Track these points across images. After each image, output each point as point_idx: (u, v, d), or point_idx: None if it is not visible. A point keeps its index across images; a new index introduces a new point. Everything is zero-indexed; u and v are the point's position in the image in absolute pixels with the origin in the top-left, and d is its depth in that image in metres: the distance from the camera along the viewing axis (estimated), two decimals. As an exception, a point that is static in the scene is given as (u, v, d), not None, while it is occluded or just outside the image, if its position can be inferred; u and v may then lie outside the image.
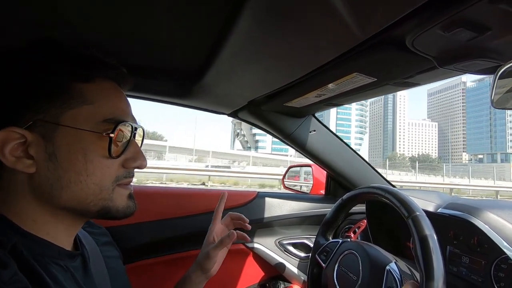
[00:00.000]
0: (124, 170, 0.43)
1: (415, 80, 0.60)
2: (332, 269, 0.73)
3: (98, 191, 0.40)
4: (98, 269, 0.49)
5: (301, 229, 1.15)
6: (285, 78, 0.67)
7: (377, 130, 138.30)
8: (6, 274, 0.31)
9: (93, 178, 0.40)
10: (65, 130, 0.38)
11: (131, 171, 0.45)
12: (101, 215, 0.42)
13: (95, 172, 0.40)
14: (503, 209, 0.66)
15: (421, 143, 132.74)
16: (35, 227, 0.39)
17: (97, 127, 0.40)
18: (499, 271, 0.64)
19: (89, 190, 0.40)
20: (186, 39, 0.62)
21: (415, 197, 0.77)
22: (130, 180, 0.45)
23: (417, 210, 0.58)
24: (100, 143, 0.40)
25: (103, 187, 0.41)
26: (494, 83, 0.44)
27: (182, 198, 1.06)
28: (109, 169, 0.41)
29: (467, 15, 0.35)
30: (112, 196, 0.42)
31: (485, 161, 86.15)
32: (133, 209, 0.45)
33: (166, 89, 0.89)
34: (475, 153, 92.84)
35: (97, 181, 0.40)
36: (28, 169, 0.37)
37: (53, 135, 0.38)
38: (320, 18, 0.40)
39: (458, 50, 0.43)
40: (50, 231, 0.41)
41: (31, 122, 0.37)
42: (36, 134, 0.37)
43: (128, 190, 0.45)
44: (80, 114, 0.39)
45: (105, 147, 0.40)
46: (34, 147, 0.37)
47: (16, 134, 0.37)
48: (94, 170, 0.40)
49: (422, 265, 0.53)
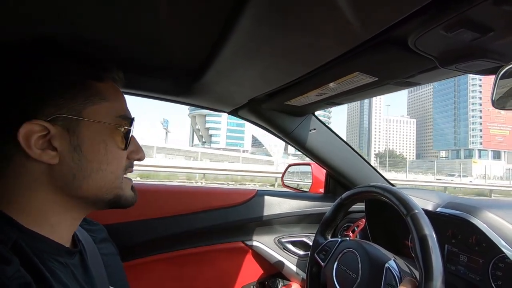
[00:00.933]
0: (128, 161, 0.48)
1: (416, 80, 0.60)
2: (331, 267, 0.74)
3: (114, 179, 0.45)
4: (95, 266, 0.50)
5: (300, 227, 1.15)
6: (286, 76, 0.67)
7: (354, 128, 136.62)
8: (10, 270, 0.31)
9: (111, 167, 0.44)
10: (88, 124, 0.42)
11: (132, 163, 0.50)
12: (112, 203, 0.46)
13: (113, 162, 0.44)
14: (502, 208, 0.67)
15: (399, 139, 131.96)
16: (38, 222, 0.40)
17: (115, 121, 0.45)
18: (497, 270, 0.65)
19: (107, 179, 0.44)
20: (187, 37, 0.62)
21: (414, 196, 0.77)
22: (132, 170, 0.49)
23: (415, 208, 0.58)
24: (116, 136, 0.45)
25: (117, 176, 0.45)
26: (496, 84, 0.44)
27: (181, 195, 1.06)
28: (122, 160, 0.46)
29: (471, 15, 0.35)
30: (122, 185, 0.46)
31: (449, 157, 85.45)
32: (135, 199, 0.49)
33: (167, 87, 0.89)
34: (441, 149, 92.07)
35: (114, 169, 0.44)
36: (52, 160, 0.40)
37: (77, 128, 0.41)
38: (322, 17, 0.40)
39: (460, 50, 0.43)
40: (54, 224, 0.41)
41: (53, 116, 0.40)
42: (59, 127, 0.40)
43: (131, 181, 0.49)
44: (101, 110, 0.43)
45: (119, 139, 0.45)
46: (58, 139, 0.40)
47: (40, 126, 0.39)
48: (112, 160, 0.44)
49: (421, 263, 0.53)
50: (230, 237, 1.08)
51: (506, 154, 76.79)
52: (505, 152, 77.82)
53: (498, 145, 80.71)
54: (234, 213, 1.07)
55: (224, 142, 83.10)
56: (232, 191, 1.13)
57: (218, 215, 1.05)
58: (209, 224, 1.03)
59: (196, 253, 1.05)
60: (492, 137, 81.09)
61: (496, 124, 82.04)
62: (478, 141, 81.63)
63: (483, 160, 66.40)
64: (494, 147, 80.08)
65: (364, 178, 1.11)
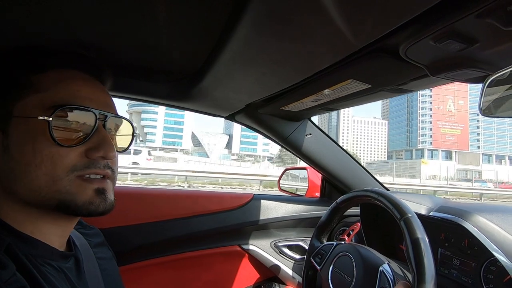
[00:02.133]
0: (87, 160, 0.40)
1: (408, 87, 0.62)
2: (326, 271, 0.75)
3: (51, 182, 0.38)
4: (91, 270, 0.49)
5: (296, 231, 1.16)
6: (282, 83, 0.68)
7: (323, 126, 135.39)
8: (5, 274, 0.31)
9: (43, 169, 0.37)
10: (17, 121, 0.38)
11: (98, 162, 0.41)
12: (60, 209, 0.39)
13: (44, 162, 0.37)
14: (492, 212, 0.68)
15: (368, 140, 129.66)
16: (24, 226, 0.39)
17: (43, 114, 0.38)
18: (489, 273, 0.66)
19: (41, 182, 0.37)
20: (185, 43, 0.63)
21: (408, 200, 0.78)
22: (96, 171, 0.41)
23: (409, 212, 0.59)
24: (50, 131, 0.38)
25: (56, 177, 0.38)
26: (483, 92, 0.46)
27: (177, 200, 1.06)
28: (62, 158, 0.38)
29: (457, 27, 0.37)
30: (70, 189, 0.39)
31: (404, 157, 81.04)
32: (101, 207, 0.41)
33: (165, 92, 0.90)
34: (396, 150, 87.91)
35: (48, 171, 0.37)
36: None
37: (8, 127, 0.38)
38: (316, 26, 0.42)
39: (448, 60, 0.45)
40: (33, 230, 0.40)
41: None
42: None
43: (95, 185, 0.41)
44: (30, 103, 0.38)
45: (55, 134, 0.37)
46: None
47: None
48: (43, 160, 0.37)
49: (414, 267, 0.54)
50: (227, 241, 1.08)
51: (457, 154, 73.26)
52: (456, 152, 74.17)
53: (449, 145, 76.29)
54: (231, 217, 1.07)
55: (161, 140, 77.59)
56: (228, 195, 1.14)
57: (214, 219, 1.05)
58: (205, 228, 1.04)
59: (192, 257, 1.05)
60: (443, 136, 76.74)
61: (447, 123, 77.13)
62: (428, 141, 77.37)
63: (435, 161, 63.69)
64: (445, 147, 76.07)
65: (359, 182, 1.12)
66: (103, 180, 0.42)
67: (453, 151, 74.37)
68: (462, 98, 75.35)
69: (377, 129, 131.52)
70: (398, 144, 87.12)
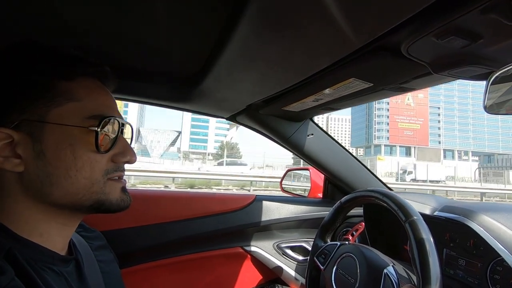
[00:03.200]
0: (114, 164, 0.44)
1: (410, 85, 0.61)
2: (330, 271, 0.74)
3: (89, 185, 0.41)
4: (92, 273, 0.49)
5: (299, 233, 1.15)
6: (282, 83, 0.68)
7: None
8: (3, 280, 0.31)
9: (83, 173, 0.40)
10: (52, 128, 0.39)
11: (121, 166, 0.46)
12: (95, 208, 0.43)
13: (84, 167, 0.40)
14: (498, 212, 0.67)
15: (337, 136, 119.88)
16: (28, 230, 0.39)
17: (83, 123, 0.40)
18: (495, 274, 0.65)
19: (80, 185, 0.40)
20: (185, 45, 0.63)
21: (412, 200, 0.78)
22: (121, 174, 0.46)
23: (414, 215, 0.58)
24: (87, 138, 0.40)
25: (94, 180, 0.41)
26: (487, 89, 0.45)
27: (180, 201, 1.06)
28: (98, 163, 0.42)
29: (460, 24, 0.36)
30: (105, 189, 0.43)
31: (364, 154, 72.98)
32: (127, 202, 0.46)
33: (165, 94, 0.90)
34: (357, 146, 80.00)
35: (87, 175, 0.41)
36: (16, 168, 0.38)
37: (40, 133, 0.39)
38: (316, 25, 0.41)
39: (451, 57, 0.44)
40: (43, 232, 0.41)
41: (17, 122, 0.38)
42: (22, 133, 0.38)
43: (121, 184, 0.46)
44: (66, 111, 0.40)
45: (92, 142, 0.41)
46: (22, 146, 0.38)
47: (3, 134, 0.37)
48: (83, 165, 0.40)
49: (419, 269, 0.53)
50: (229, 243, 1.08)
51: (416, 150, 67.65)
52: (415, 147, 68.17)
53: (408, 140, 69.46)
54: (233, 219, 1.07)
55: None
56: (230, 197, 1.14)
57: (216, 221, 1.05)
58: (208, 230, 1.03)
59: (194, 259, 1.04)
60: (401, 131, 69.57)
61: (406, 117, 69.63)
62: (385, 136, 70.12)
63: (393, 157, 59.37)
64: (403, 142, 69.23)
65: (363, 182, 1.11)
66: (122, 179, 0.47)
67: (412, 147, 69.09)
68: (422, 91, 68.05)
69: (341, 126, 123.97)
70: (359, 140, 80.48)
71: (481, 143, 74.98)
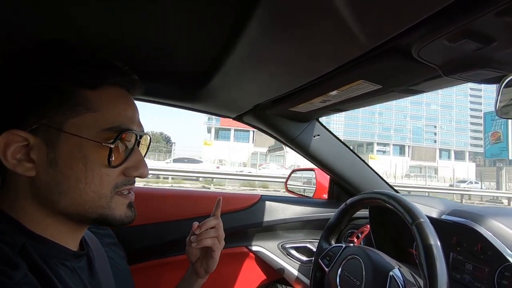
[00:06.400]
0: (124, 178, 0.43)
1: (420, 88, 0.61)
2: (335, 273, 0.74)
3: (97, 198, 0.40)
4: (102, 269, 0.50)
5: (304, 233, 1.15)
6: (290, 84, 0.68)
7: None
8: (17, 275, 0.31)
9: (92, 186, 0.40)
10: (68, 137, 0.38)
11: (131, 179, 0.44)
12: (98, 222, 0.42)
13: (94, 180, 0.40)
14: (507, 216, 0.66)
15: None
16: (41, 228, 0.40)
17: (99, 136, 0.39)
18: (503, 279, 0.64)
19: (88, 197, 0.40)
20: (193, 45, 0.63)
21: (419, 203, 0.77)
22: (130, 187, 0.44)
23: (421, 217, 0.58)
24: (101, 152, 0.40)
25: (102, 195, 0.41)
26: (499, 93, 0.45)
27: (188, 200, 1.07)
28: (108, 177, 0.41)
29: (474, 27, 0.35)
30: (111, 204, 0.41)
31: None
32: (131, 218, 0.44)
33: (173, 93, 0.90)
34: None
35: (96, 189, 0.40)
36: (28, 172, 0.38)
37: (56, 141, 0.38)
38: (326, 26, 0.41)
39: (463, 60, 0.44)
40: (54, 233, 0.41)
41: (35, 126, 0.37)
42: (39, 138, 0.38)
43: (128, 199, 0.44)
44: (84, 122, 0.39)
45: (105, 156, 0.40)
46: (36, 151, 0.38)
47: (19, 137, 0.37)
48: (93, 178, 0.39)
49: (426, 273, 0.53)
50: (234, 242, 1.08)
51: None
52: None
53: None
54: (238, 218, 1.07)
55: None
56: (236, 196, 1.14)
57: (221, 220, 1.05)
58: None
59: None
60: None
61: None
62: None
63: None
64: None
65: (368, 184, 1.11)
66: (131, 194, 0.45)
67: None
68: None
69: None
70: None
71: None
